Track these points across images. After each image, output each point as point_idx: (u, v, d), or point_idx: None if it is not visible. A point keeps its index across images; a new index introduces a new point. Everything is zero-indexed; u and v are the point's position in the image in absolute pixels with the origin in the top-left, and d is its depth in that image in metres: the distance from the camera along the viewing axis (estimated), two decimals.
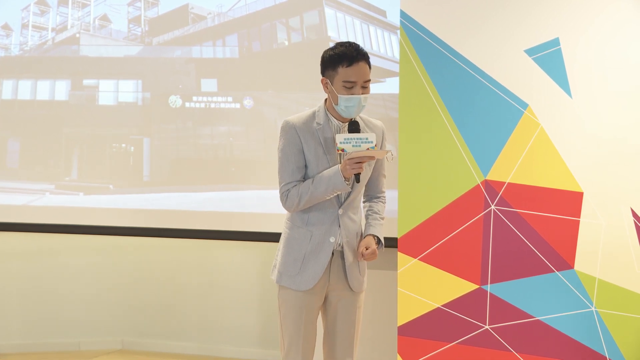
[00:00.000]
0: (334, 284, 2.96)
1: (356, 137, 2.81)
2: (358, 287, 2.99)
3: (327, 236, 2.93)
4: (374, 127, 3.00)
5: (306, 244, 2.94)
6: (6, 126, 5.01)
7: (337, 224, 2.94)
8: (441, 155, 3.45)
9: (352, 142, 2.80)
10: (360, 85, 2.84)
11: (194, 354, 5.24)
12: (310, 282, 2.92)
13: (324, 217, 2.94)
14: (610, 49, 3.23)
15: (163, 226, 4.68)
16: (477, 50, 3.41)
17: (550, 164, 3.29)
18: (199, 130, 4.70)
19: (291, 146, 2.91)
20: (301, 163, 2.91)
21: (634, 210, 3.18)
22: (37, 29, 5.00)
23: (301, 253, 2.94)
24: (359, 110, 2.88)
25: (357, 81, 2.83)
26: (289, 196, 2.92)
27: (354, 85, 2.83)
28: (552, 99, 3.29)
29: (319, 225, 2.94)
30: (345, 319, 3.00)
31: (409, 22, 3.50)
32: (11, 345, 5.23)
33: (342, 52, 2.84)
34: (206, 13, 4.71)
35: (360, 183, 2.95)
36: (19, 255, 5.30)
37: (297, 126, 2.91)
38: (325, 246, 2.93)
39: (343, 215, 2.95)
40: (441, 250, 3.44)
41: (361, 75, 2.84)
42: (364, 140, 2.80)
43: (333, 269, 2.96)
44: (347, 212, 2.96)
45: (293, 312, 2.96)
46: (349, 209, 2.97)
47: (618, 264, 3.20)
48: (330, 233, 2.93)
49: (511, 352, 3.34)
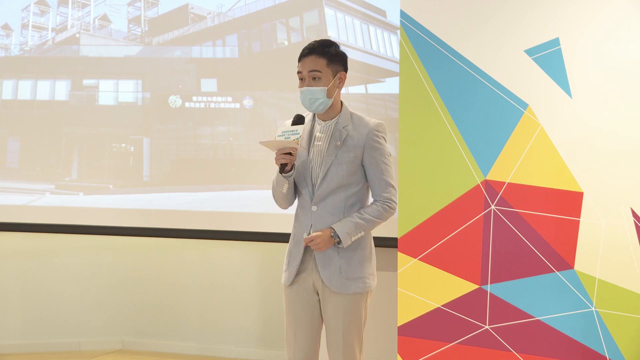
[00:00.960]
0: (316, 281, 2.99)
1: (289, 130, 2.90)
2: (339, 287, 2.94)
3: (302, 232, 2.99)
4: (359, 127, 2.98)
5: (291, 240, 3.06)
6: (6, 126, 5.01)
7: (310, 220, 2.97)
8: (441, 155, 3.44)
9: (285, 134, 2.90)
10: (309, 77, 2.91)
11: (193, 354, 5.24)
12: (290, 277, 3.00)
13: (302, 213, 3.02)
14: (610, 48, 3.23)
15: (163, 226, 4.68)
16: (477, 50, 3.40)
17: (550, 164, 3.29)
18: (199, 130, 4.70)
19: None
20: None
21: (634, 210, 3.18)
22: (37, 29, 5.00)
23: (288, 250, 3.06)
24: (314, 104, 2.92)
25: (302, 71, 2.92)
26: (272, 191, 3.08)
27: (302, 76, 2.93)
28: (552, 99, 3.29)
29: (299, 221, 3.03)
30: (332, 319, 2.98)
31: (409, 22, 3.50)
32: (11, 345, 5.23)
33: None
34: (206, 13, 4.71)
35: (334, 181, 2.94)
36: (19, 255, 5.30)
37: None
38: (300, 242, 2.99)
39: (316, 213, 2.96)
40: (441, 250, 3.44)
41: (306, 67, 2.91)
42: (293, 132, 2.88)
43: (310, 265, 2.99)
44: (324, 210, 2.96)
45: (285, 307, 3.06)
46: (326, 207, 2.96)
47: (618, 264, 3.20)
48: (304, 229, 2.98)
49: (511, 352, 3.34)
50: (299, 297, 3.00)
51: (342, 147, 2.93)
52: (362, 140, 2.95)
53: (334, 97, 2.95)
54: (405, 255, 3.50)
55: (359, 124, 2.98)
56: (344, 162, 2.94)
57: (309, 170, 2.97)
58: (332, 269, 2.95)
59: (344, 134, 2.94)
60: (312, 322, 3.02)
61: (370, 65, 4.30)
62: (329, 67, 2.92)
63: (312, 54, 2.91)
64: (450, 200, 3.42)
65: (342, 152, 2.93)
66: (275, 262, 4.98)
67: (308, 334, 3.02)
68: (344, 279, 2.95)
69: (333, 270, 2.95)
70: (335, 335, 2.98)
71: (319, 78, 2.90)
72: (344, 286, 2.95)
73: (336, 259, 2.96)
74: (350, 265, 2.97)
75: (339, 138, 2.94)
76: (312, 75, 2.90)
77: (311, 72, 2.89)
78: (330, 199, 2.96)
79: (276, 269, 4.97)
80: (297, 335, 3.01)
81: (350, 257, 2.97)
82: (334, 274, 2.95)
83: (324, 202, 2.96)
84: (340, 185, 2.96)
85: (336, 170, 2.95)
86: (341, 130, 2.95)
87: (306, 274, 2.99)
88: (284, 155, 2.86)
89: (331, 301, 2.97)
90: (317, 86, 2.90)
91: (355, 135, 2.95)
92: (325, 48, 2.92)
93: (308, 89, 2.90)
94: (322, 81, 2.90)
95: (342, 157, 2.94)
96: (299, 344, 3.01)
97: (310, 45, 2.94)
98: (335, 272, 2.95)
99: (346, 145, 2.94)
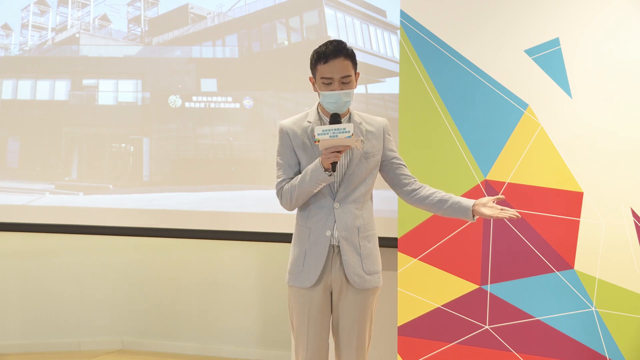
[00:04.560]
0: (335, 280, 2.97)
1: (333, 128, 2.84)
2: (360, 283, 2.96)
3: (323, 231, 2.95)
4: (373, 123, 3.01)
5: (306, 240, 2.98)
6: (6, 126, 5.01)
7: (333, 217, 2.95)
8: (441, 155, 3.44)
9: (330, 132, 2.83)
10: (339, 82, 2.88)
11: (193, 354, 5.23)
12: (312, 278, 2.94)
13: (320, 212, 2.97)
14: (610, 48, 3.23)
15: (163, 226, 4.68)
16: (477, 50, 3.40)
17: (550, 164, 3.28)
18: (199, 130, 4.69)
19: (283, 147, 2.99)
20: (293, 161, 2.98)
21: (634, 210, 3.18)
22: (37, 29, 4.99)
23: (302, 250, 2.98)
24: (341, 106, 2.91)
25: (333, 77, 2.88)
26: (282, 193, 2.99)
27: (332, 81, 2.88)
28: (552, 99, 3.29)
29: (316, 220, 2.97)
30: (348, 317, 2.98)
31: (409, 22, 3.50)
32: (11, 345, 5.23)
33: (321, 51, 2.90)
34: (206, 13, 4.70)
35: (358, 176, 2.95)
36: (19, 255, 5.30)
37: (287, 126, 2.99)
38: (321, 240, 2.95)
39: (339, 209, 2.95)
40: (441, 250, 3.44)
41: (337, 71, 2.88)
42: (340, 130, 2.82)
43: (333, 264, 2.96)
44: (346, 206, 2.96)
45: (299, 309, 2.99)
46: (347, 203, 2.96)
47: (618, 264, 3.20)
48: (326, 227, 2.95)
49: (511, 352, 3.34)
50: (319, 298, 2.97)
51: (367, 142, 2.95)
52: (380, 135, 3.00)
53: None
54: (405, 255, 3.50)
55: (370, 121, 3.01)
56: (370, 157, 2.97)
57: None
58: (357, 266, 2.96)
59: (363, 129, 2.96)
60: (326, 322, 3.01)
61: (370, 65, 4.30)
62: (353, 69, 2.94)
63: (340, 56, 2.88)
64: None
65: (367, 147, 2.96)
66: (275, 262, 4.98)
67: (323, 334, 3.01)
68: (365, 275, 2.97)
69: (357, 267, 2.96)
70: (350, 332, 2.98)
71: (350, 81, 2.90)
72: (365, 282, 2.97)
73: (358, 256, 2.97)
74: (370, 260, 3.00)
75: (360, 134, 2.95)
76: (344, 80, 2.89)
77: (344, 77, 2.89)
78: (352, 195, 2.97)
79: (276, 269, 4.98)
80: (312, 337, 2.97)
81: (370, 251, 2.99)
82: (358, 270, 2.96)
83: (346, 199, 2.96)
84: (362, 180, 2.98)
85: (363, 166, 2.97)
86: (359, 127, 2.97)
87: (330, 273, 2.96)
88: (335, 154, 2.83)
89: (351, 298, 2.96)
90: (349, 89, 2.90)
91: (373, 131, 2.99)
92: (348, 50, 2.92)
93: (346, 92, 2.89)
94: (352, 83, 2.91)
95: (368, 151, 2.96)
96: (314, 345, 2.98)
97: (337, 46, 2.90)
98: (359, 267, 2.96)
99: (369, 141, 2.96)
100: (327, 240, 2.95)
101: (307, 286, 2.96)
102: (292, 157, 2.98)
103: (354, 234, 2.97)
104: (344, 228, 2.95)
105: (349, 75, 2.90)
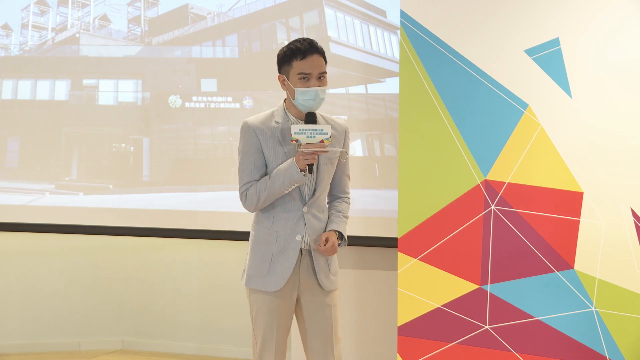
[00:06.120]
0: (305, 284, 2.95)
1: (311, 128, 2.81)
2: (329, 285, 2.98)
3: (292, 235, 2.93)
4: (336, 125, 2.99)
5: (273, 244, 2.94)
6: (6, 126, 5.01)
7: (303, 222, 2.93)
8: (441, 155, 3.44)
9: (307, 132, 2.81)
10: (316, 77, 2.87)
11: (193, 354, 5.24)
12: (279, 283, 2.91)
13: (289, 216, 2.93)
14: (610, 48, 3.23)
15: (163, 226, 4.68)
16: (477, 50, 3.40)
17: (550, 164, 3.28)
18: (199, 130, 4.69)
19: (249, 146, 2.93)
20: (260, 162, 2.93)
21: (634, 210, 3.18)
22: (37, 29, 4.99)
23: (268, 254, 2.94)
24: (317, 104, 2.90)
25: (312, 73, 2.87)
26: (247, 195, 2.93)
27: (310, 77, 2.87)
28: (552, 99, 3.29)
29: (284, 224, 2.93)
30: (321, 318, 2.97)
31: (409, 22, 3.50)
32: (11, 345, 5.23)
33: (295, 47, 2.88)
34: (206, 13, 4.70)
35: (325, 181, 2.95)
36: (19, 255, 5.30)
37: (254, 126, 2.94)
38: (291, 245, 2.92)
39: (308, 214, 2.94)
40: (441, 250, 3.44)
41: (316, 67, 2.87)
42: (318, 131, 2.81)
43: (302, 268, 2.95)
44: (312, 211, 2.96)
45: (265, 314, 2.94)
46: (313, 207, 2.96)
47: (618, 264, 3.20)
48: (296, 232, 2.93)
49: (511, 352, 3.34)
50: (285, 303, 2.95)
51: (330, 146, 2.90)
52: (342, 139, 3.00)
53: None
54: (405, 255, 3.50)
55: (334, 123, 2.99)
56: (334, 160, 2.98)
57: None
58: (325, 269, 2.97)
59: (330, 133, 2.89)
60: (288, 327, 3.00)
61: (370, 65, 4.30)
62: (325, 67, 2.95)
63: (316, 53, 2.90)
64: (450, 200, 3.42)
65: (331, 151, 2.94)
66: None
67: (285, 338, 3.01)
68: (332, 276, 3.00)
69: (325, 270, 2.97)
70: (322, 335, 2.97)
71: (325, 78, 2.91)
72: (332, 283, 3.00)
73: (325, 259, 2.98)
74: (333, 261, 3.02)
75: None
76: (321, 76, 2.89)
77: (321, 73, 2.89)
78: (318, 199, 2.97)
79: None
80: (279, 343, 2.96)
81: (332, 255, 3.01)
82: (327, 272, 2.98)
83: (312, 203, 2.96)
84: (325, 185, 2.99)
85: (328, 170, 2.97)
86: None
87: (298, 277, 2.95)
88: (313, 156, 2.82)
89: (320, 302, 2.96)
90: (324, 86, 2.91)
91: (336, 134, 2.97)
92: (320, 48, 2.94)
93: (322, 88, 2.89)
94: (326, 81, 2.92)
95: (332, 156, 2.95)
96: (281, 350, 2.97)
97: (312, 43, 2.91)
98: (327, 269, 2.98)
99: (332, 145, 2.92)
100: (297, 245, 2.92)
101: (272, 290, 2.92)
102: (259, 157, 2.92)
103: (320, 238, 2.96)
104: (313, 232, 2.94)
105: (325, 72, 2.90)
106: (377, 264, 4.27)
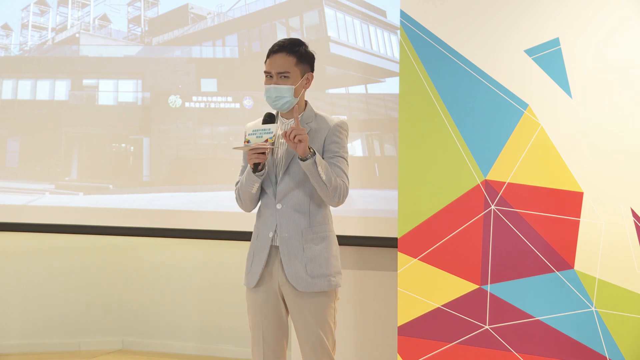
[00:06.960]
0: (281, 282, 2.94)
1: (261, 129, 2.88)
2: (304, 286, 2.89)
3: (266, 231, 2.95)
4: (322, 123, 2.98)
5: (255, 241, 3.01)
6: (6, 126, 5.01)
7: (275, 219, 2.94)
8: (441, 155, 3.44)
9: (257, 133, 2.88)
10: (277, 77, 2.90)
11: (193, 354, 5.24)
12: (254, 279, 2.95)
13: (266, 212, 2.98)
14: (610, 48, 3.23)
15: (163, 226, 4.68)
16: (477, 50, 3.40)
17: (550, 164, 3.28)
18: (199, 130, 4.69)
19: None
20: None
21: (634, 210, 3.18)
22: (37, 29, 4.99)
23: (251, 250, 3.01)
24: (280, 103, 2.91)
25: (271, 71, 2.91)
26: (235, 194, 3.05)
27: (270, 76, 2.92)
28: (552, 99, 3.29)
29: (262, 221, 2.99)
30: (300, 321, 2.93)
31: (409, 22, 3.50)
32: (11, 345, 5.23)
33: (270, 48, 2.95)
34: (206, 13, 4.70)
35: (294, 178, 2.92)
36: (19, 255, 5.30)
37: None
38: (265, 241, 2.95)
39: (281, 211, 2.93)
40: (441, 250, 3.44)
41: (275, 66, 2.90)
42: (266, 131, 2.87)
43: (273, 266, 2.94)
44: (288, 208, 2.93)
45: (249, 310, 3.01)
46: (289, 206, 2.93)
47: (618, 264, 3.20)
48: (269, 228, 2.95)
49: (511, 352, 3.34)
50: (265, 299, 2.95)
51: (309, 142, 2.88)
52: (323, 136, 2.95)
53: (300, 97, 2.95)
54: (405, 255, 3.50)
55: (321, 121, 2.98)
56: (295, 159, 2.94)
57: (273, 168, 2.96)
58: (298, 267, 2.89)
59: (307, 129, 2.89)
60: (280, 324, 2.97)
61: (370, 65, 4.30)
62: (297, 67, 2.92)
63: (281, 51, 2.90)
64: (450, 200, 3.42)
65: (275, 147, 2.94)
66: None
67: (277, 337, 2.98)
68: (309, 278, 2.89)
69: (299, 268, 2.89)
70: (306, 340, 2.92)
71: (287, 77, 2.90)
72: (310, 285, 2.89)
73: (302, 257, 2.90)
74: (316, 263, 2.91)
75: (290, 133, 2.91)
76: (280, 75, 2.90)
77: (281, 73, 2.90)
78: (294, 196, 2.93)
79: None
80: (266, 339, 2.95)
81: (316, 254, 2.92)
82: (300, 272, 2.89)
83: (288, 200, 2.93)
84: (301, 181, 2.93)
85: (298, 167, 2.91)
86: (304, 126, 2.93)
87: (271, 274, 2.94)
88: (258, 154, 2.85)
89: (297, 303, 2.91)
90: (285, 84, 2.89)
91: (317, 130, 2.95)
92: (295, 47, 2.93)
93: (275, 87, 2.89)
94: (290, 80, 2.90)
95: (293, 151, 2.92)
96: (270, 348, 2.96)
97: (280, 42, 2.93)
98: (301, 270, 2.89)
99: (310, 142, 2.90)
100: (268, 242, 2.93)
101: (250, 286, 2.97)
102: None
103: (295, 237, 2.91)
104: (286, 230, 2.92)
105: (287, 71, 2.89)
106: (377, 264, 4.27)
